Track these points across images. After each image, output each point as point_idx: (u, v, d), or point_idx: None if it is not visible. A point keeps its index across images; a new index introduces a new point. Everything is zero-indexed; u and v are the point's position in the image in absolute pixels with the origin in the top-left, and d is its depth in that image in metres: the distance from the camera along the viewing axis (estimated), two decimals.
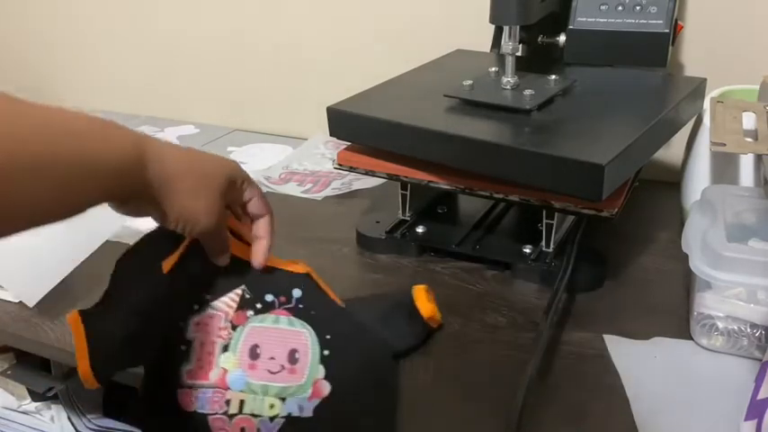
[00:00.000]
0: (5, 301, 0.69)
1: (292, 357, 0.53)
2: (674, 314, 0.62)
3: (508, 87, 0.70)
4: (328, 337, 0.55)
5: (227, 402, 0.52)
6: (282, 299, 0.55)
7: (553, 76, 0.71)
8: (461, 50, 0.88)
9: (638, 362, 0.57)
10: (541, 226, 0.68)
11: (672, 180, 0.79)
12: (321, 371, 0.53)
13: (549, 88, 0.69)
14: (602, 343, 0.59)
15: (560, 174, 0.58)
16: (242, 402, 0.52)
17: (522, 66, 0.72)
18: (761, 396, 0.46)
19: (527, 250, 0.69)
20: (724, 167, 0.68)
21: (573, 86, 0.72)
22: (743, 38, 0.83)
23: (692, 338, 0.59)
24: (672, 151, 0.79)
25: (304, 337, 0.54)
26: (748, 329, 0.56)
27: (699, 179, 0.70)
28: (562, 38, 0.76)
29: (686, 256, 0.57)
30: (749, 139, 0.58)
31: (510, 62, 0.69)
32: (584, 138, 0.61)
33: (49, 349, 0.64)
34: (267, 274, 0.56)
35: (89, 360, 0.50)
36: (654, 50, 0.72)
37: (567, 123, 0.64)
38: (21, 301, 0.68)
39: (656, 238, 0.76)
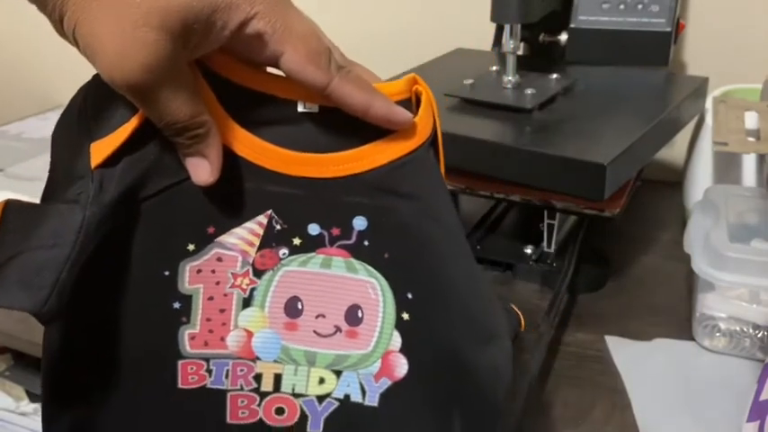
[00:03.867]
0: None
1: (353, 316, 0.38)
2: (676, 315, 0.62)
3: (509, 86, 0.70)
4: (410, 296, 0.38)
5: (257, 378, 0.38)
6: (335, 231, 0.37)
7: (554, 75, 0.70)
8: (462, 49, 0.88)
9: (640, 363, 0.56)
10: (543, 226, 0.68)
11: (674, 180, 0.79)
12: (396, 340, 0.38)
13: (550, 87, 0.69)
14: (604, 344, 0.59)
15: (562, 173, 0.58)
16: (277, 378, 0.38)
17: (524, 65, 0.71)
18: (763, 397, 0.46)
19: (528, 251, 0.69)
20: (726, 167, 0.68)
21: (574, 85, 0.71)
22: (745, 37, 0.82)
23: (694, 339, 0.59)
24: (674, 151, 0.79)
25: (371, 289, 0.38)
26: (751, 330, 0.56)
27: (701, 179, 0.70)
28: (564, 36, 0.75)
29: (688, 257, 0.56)
30: (752, 139, 0.57)
31: (511, 61, 0.69)
32: (586, 137, 0.61)
33: None
34: (311, 186, 0.37)
35: None
36: (656, 49, 0.72)
37: (569, 123, 0.64)
38: None
39: (658, 239, 0.75)
